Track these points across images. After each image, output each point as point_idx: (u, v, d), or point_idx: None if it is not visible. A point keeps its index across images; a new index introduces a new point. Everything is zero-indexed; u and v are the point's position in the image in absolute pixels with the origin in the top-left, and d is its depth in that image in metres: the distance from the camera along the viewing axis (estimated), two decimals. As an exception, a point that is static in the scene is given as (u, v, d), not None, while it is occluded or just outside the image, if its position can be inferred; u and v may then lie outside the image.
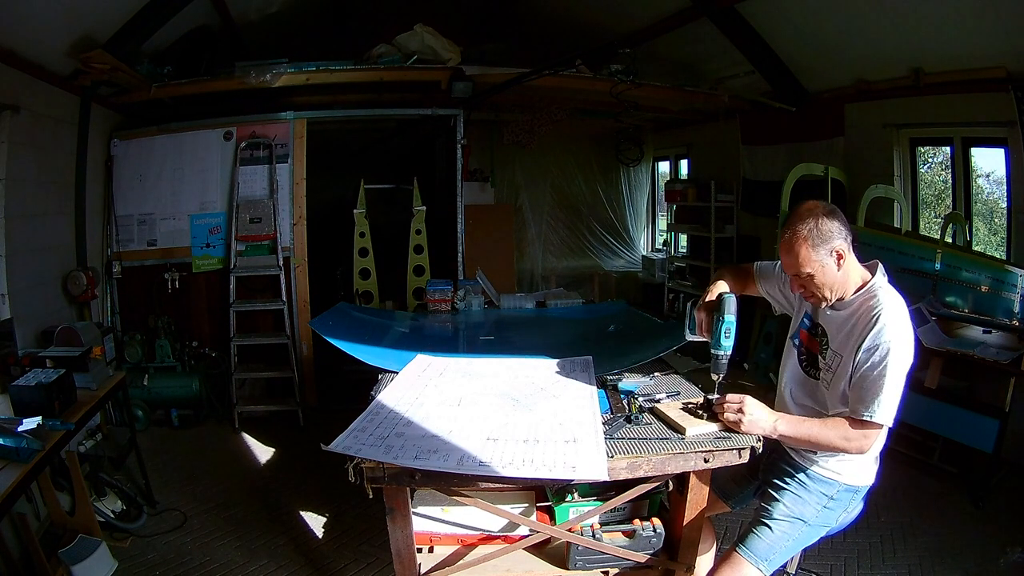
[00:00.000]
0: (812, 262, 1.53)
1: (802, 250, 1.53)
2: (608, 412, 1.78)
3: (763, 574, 1.61)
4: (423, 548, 1.83)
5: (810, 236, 1.52)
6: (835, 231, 1.52)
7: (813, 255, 1.52)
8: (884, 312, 1.50)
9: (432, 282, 3.41)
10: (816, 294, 1.59)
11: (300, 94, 4.41)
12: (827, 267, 1.54)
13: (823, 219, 1.52)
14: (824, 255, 1.52)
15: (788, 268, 1.61)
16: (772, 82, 4.68)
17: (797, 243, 1.53)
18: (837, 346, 1.59)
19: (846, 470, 1.63)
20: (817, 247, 1.52)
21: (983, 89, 3.42)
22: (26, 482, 1.86)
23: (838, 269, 1.54)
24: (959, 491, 3.05)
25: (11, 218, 3.11)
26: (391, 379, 2.07)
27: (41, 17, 2.93)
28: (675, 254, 6.91)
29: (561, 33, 5.81)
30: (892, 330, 1.48)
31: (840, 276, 1.56)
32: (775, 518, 1.64)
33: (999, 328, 3.22)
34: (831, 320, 1.63)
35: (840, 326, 1.59)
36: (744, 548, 1.63)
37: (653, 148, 7.46)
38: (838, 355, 1.58)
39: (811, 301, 1.65)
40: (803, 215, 1.55)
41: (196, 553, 2.62)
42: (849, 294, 1.59)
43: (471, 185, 5.97)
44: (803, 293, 1.64)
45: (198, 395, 3.99)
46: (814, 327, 1.68)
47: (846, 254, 1.54)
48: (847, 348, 1.55)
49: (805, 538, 1.66)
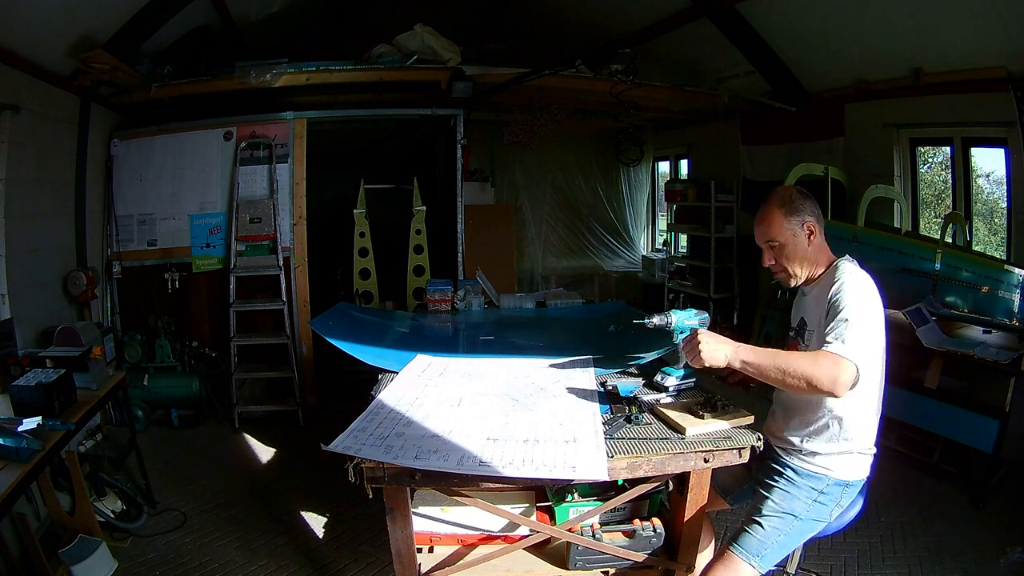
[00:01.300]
0: (784, 230, 1.65)
1: (775, 216, 1.66)
2: (608, 412, 1.78)
3: (756, 570, 1.61)
4: (423, 548, 1.84)
5: (784, 205, 1.65)
6: (807, 208, 1.66)
7: (785, 223, 1.65)
8: (846, 276, 1.58)
9: (432, 282, 3.41)
10: (786, 268, 1.69)
11: (300, 94, 4.41)
12: (798, 239, 1.65)
13: (797, 196, 1.68)
14: (796, 225, 1.65)
15: (760, 237, 1.71)
16: (772, 82, 4.68)
17: (771, 210, 1.67)
18: (813, 324, 1.67)
19: (835, 464, 1.64)
20: (789, 216, 1.65)
21: (983, 89, 3.42)
22: (26, 482, 1.86)
23: (808, 244, 1.65)
24: (959, 491, 3.05)
25: (11, 218, 3.11)
26: (391, 379, 2.07)
27: (41, 17, 2.93)
28: (675, 254, 6.91)
29: (561, 33, 5.81)
30: (852, 285, 1.55)
31: (811, 253, 1.66)
32: (765, 514, 1.65)
33: (999, 328, 3.22)
34: (807, 305, 1.72)
35: (814, 305, 1.66)
36: (736, 546, 1.64)
37: (653, 148, 7.46)
38: (812, 331, 1.67)
39: (780, 277, 1.73)
40: (779, 190, 1.72)
41: (196, 553, 2.62)
42: (818, 275, 1.68)
43: (471, 185, 5.97)
44: (773, 267, 1.73)
45: (198, 395, 3.99)
46: (796, 329, 1.76)
47: (817, 232, 1.66)
48: (817, 316, 1.62)
49: (797, 533, 1.66)
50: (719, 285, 5.71)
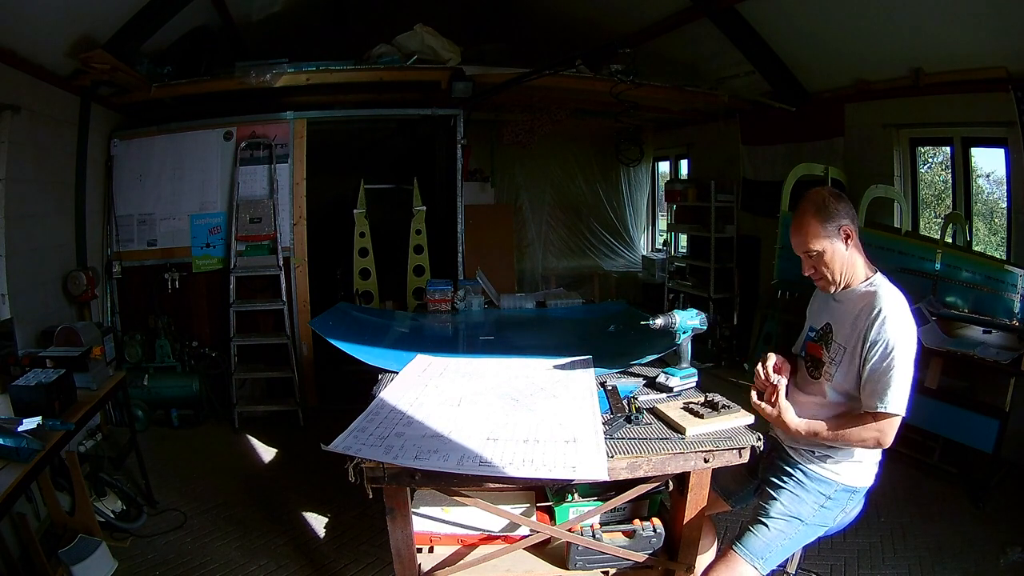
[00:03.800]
0: (821, 239, 1.59)
1: (811, 225, 1.60)
2: (608, 412, 1.78)
3: (759, 572, 1.61)
4: (423, 548, 1.84)
5: (818, 212, 1.60)
6: (842, 211, 1.60)
7: (821, 230, 1.59)
8: (885, 304, 1.53)
9: (432, 282, 3.41)
10: (826, 275, 1.64)
11: (300, 94, 4.41)
12: (835, 245, 1.60)
13: (830, 199, 1.61)
14: (832, 231, 1.59)
15: (798, 247, 1.66)
16: (772, 82, 4.68)
17: (806, 218, 1.61)
18: (843, 339, 1.62)
19: (844, 471, 1.64)
20: (825, 223, 1.59)
21: (983, 89, 3.42)
22: (26, 482, 1.86)
23: (846, 249, 1.60)
24: (959, 491, 3.05)
25: (11, 218, 3.10)
26: (391, 379, 2.07)
27: (41, 17, 2.92)
28: (675, 254, 6.90)
29: (561, 33, 5.81)
30: (894, 322, 1.51)
31: (848, 257, 1.61)
32: (772, 516, 1.65)
33: (999, 328, 3.22)
34: (837, 313, 1.66)
35: (845, 317, 1.62)
36: (740, 546, 1.64)
37: (653, 148, 7.46)
38: (842, 347, 1.61)
39: (820, 285, 1.69)
40: (811, 196, 1.64)
41: (196, 553, 2.62)
42: (856, 283, 1.63)
43: (471, 185, 5.96)
44: (813, 275, 1.68)
45: (198, 395, 3.99)
46: (821, 332, 1.71)
47: (853, 235, 1.61)
48: (852, 339, 1.58)
49: (802, 537, 1.66)
50: (719, 285, 5.70)
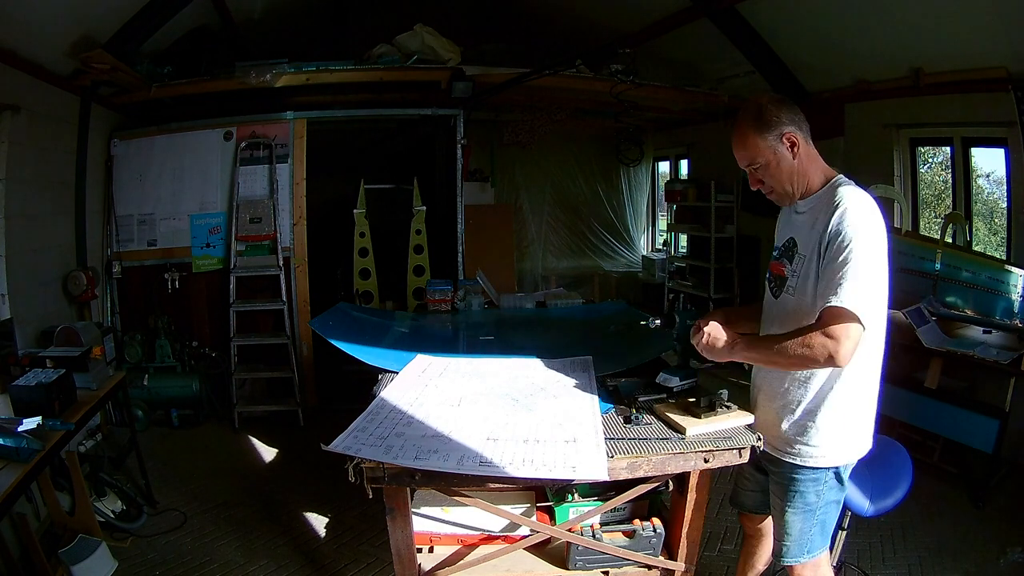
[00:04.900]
0: (763, 149, 1.49)
1: (749, 136, 1.50)
2: (608, 412, 1.78)
3: (819, 558, 1.62)
4: (423, 548, 1.84)
5: (756, 121, 1.49)
6: (784, 118, 1.48)
7: (761, 142, 1.49)
8: (846, 197, 1.44)
9: (432, 282, 3.41)
10: (776, 189, 1.55)
11: (300, 94, 4.41)
12: (781, 155, 1.50)
13: (768, 106, 1.50)
14: (774, 141, 1.49)
15: (740, 161, 1.56)
16: (772, 82, 4.67)
17: (743, 129, 1.52)
18: (805, 248, 1.52)
19: (829, 450, 1.55)
20: (764, 133, 1.48)
21: (983, 89, 3.42)
22: (26, 482, 1.86)
23: (793, 157, 1.50)
24: (959, 491, 3.05)
25: (11, 218, 3.11)
26: (391, 379, 2.07)
27: (41, 17, 2.92)
28: (675, 254, 6.91)
29: (561, 33, 5.81)
30: (855, 214, 1.40)
31: (798, 165, 1.51)
32: (788, 520, 1.62)
33: (999, 328, 3.22)
34: (798, 223, 1.57)
35: (806, 224, 1.53)
36: (787, 558, 1.63)
37: (653, 148, 7.46)
38: (803, 256, 1.52)
39: (773, 198, 1.60)
40: (748, 104, 1.53)
41: (196, 553, 2.62)
42: (815, 188, 1.53)
43: (471, 185, 5.96)
44: (764, 190, 1.59)
45: (198, 395, 3.99)
46: (783, 248, 1.62)
47: (800, 142, 1.49)
48: (811, 243, 1.48)
49: (827, 517, 1.62)
50: (719, 285, 5.71)
